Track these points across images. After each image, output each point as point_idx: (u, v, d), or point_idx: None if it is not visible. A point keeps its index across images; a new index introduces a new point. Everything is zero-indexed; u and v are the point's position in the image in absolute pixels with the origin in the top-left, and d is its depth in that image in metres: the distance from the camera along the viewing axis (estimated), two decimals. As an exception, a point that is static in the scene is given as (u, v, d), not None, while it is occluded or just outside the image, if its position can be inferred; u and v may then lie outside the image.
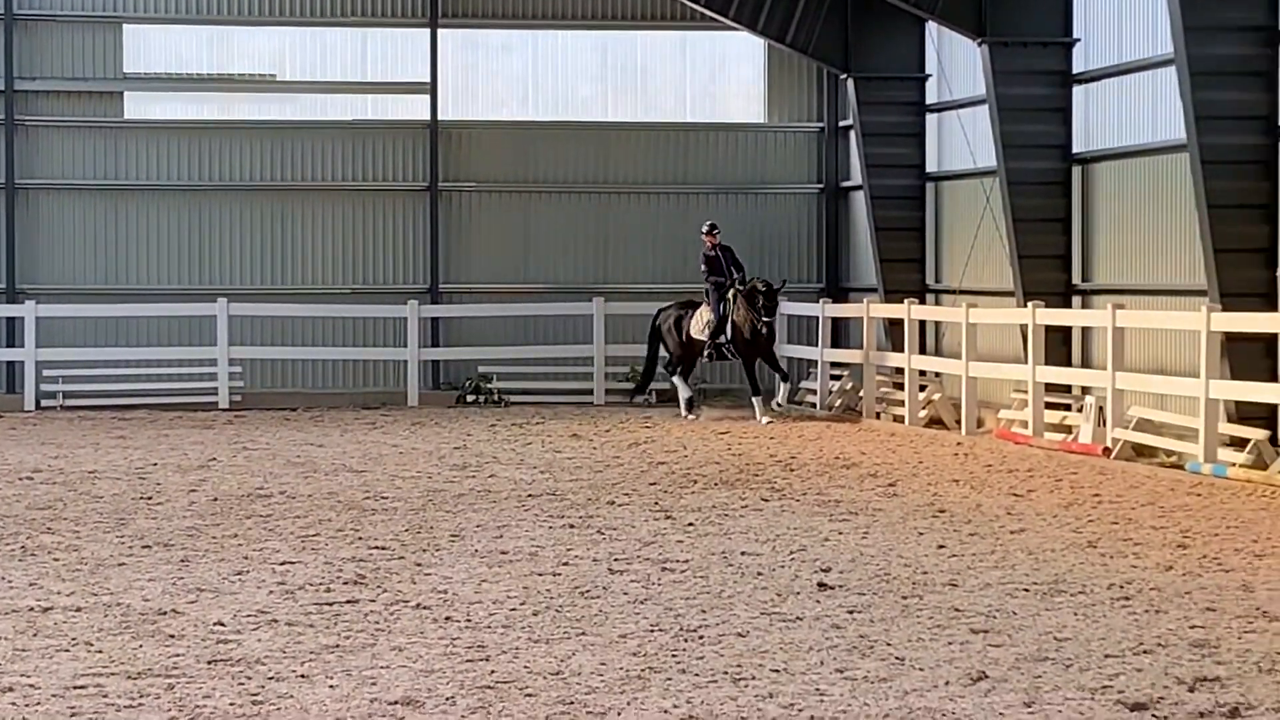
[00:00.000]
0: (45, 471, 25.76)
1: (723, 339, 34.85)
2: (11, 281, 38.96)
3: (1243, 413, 26.08)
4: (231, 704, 11.49)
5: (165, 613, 14.78)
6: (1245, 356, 26.35)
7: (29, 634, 13.89)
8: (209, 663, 12.79)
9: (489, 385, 39.09)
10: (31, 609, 14.93)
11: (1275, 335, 26.29)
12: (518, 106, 40.68)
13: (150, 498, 22.83)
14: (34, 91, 39.19)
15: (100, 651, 13.21)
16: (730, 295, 34.75)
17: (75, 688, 12.00)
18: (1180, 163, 27.42)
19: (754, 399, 34.65)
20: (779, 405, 35.12)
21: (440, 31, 40.04)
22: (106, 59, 39.49)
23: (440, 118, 40.05)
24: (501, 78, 40.74)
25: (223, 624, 14.29)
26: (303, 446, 29.70)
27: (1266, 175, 26.26)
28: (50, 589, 15.92)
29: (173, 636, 13.76)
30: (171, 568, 17.13)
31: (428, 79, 40.07)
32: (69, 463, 26.95)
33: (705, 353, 35.35)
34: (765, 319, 34.22)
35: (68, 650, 13.26)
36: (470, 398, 38.84)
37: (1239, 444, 25.35)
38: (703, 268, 35.03)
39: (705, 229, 35.09)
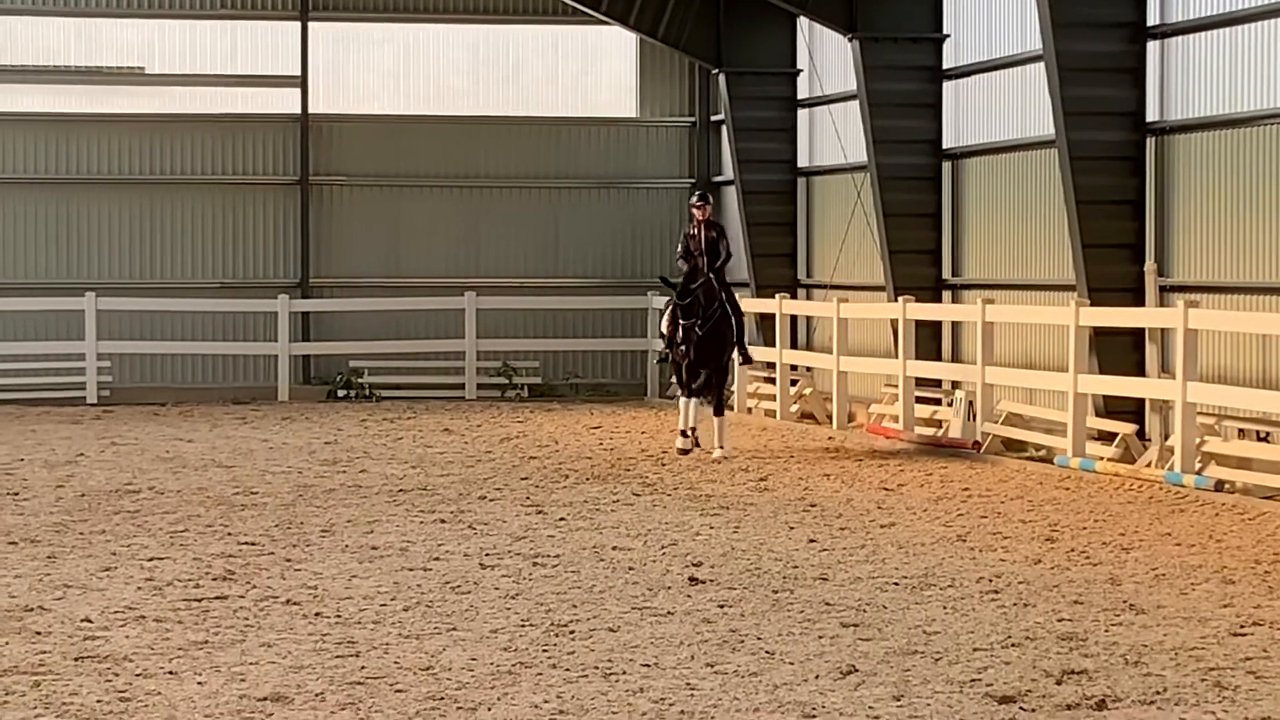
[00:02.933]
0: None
1: (664, 350, 28.48)
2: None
3: (1111, 407, 26.30)
4: (99, 701, 11.42)
5: (31, 609, 14.68)
6: (1113, 351, 26.58)
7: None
8: (76, 659, 12.72)
9: (360, 380, 39.01)
10: (-105, 607, 14.84)
11: (1142, 330, 26.56)
12: (389, 100, 40.58)
13: (16, 493, 22.67)
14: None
15: (-34, 651, 13.11)
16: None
17: (-61, 686, 11.91)
18: (1049, 158, 27.64)
19: (715, 420, 27.49)
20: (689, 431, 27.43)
21: (311, 25, 39.93)
22: (-28, 50, 39.21)
23: (311, 111, 39.94)
24: (373, 71, 40.65)
25: (90, 620, 14.20)
26: (172, 442, 29.55)
27: (1134, 171, 26.49)
28: (-87, 586, 15.81)
29: (39, 633, 13.67)
30: (38, 564, 17.01)
31: (298, 72, 39.96)
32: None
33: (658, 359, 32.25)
34: (683, 320, 26.88)
35: (-68, 649, 13.15)
36: (341, 393, 38.74)
37: (1107, 438, 25.55)
38: (678, 249, 28.16)
39: (695, 199, 28.29)
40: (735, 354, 28.57)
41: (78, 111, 39.59)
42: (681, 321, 26.86)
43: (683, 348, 27.07)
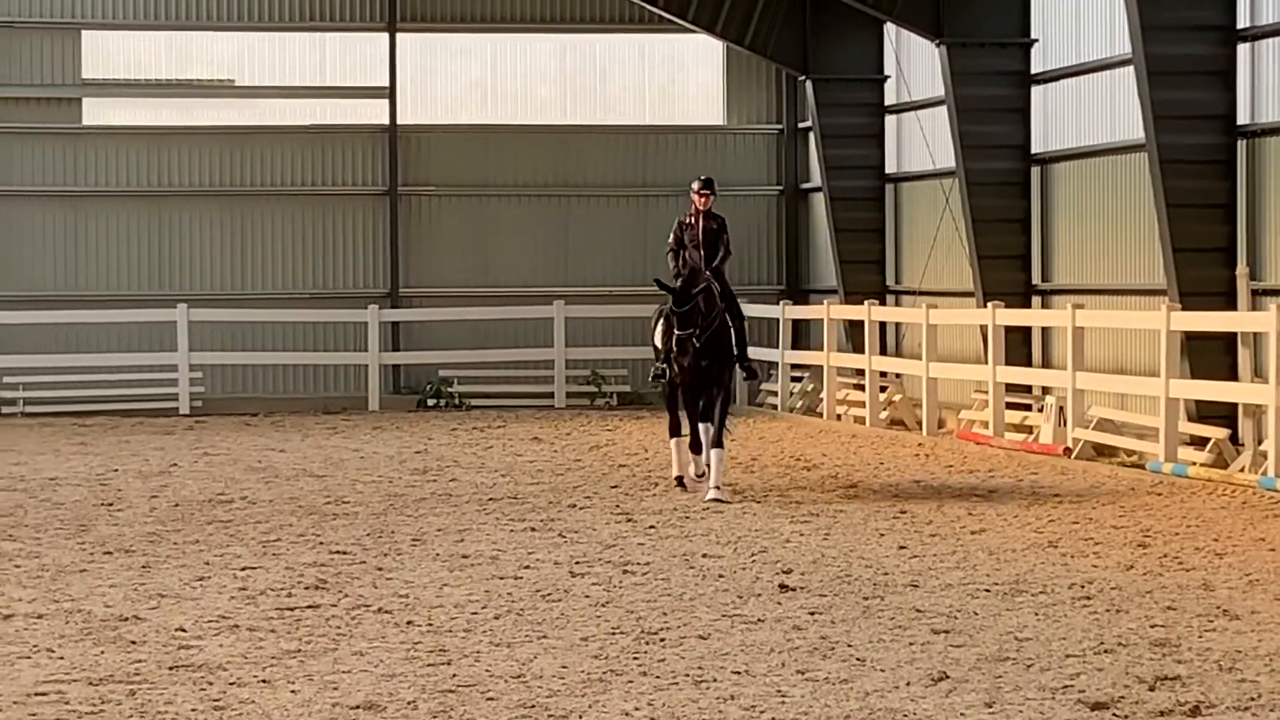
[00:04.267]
0: (5, 479, 25.68)
1: (659, 366, 24.10)
2: (-30, 288, 38.97)
3: (1203, 412, 26.15)
4: (193, 710, 11.47)
5: (126, 619, 14.76)
6: (1205, 355, 26.42)
7: (-11, 641, 13.88)
8: (170, 668, 12.77)
9: (450, 389, 39.11)
10: (-9, 616, 14.93)
11: (1234, 334, 26.38)
12: (477, 109, 40.68)
13: (111, 504, 22.78)
14: (-8, 97, 39.20)
15: (61, 658, 13.19)
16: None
17: (36, 694, 11.98)
18: (1140, 162, 27.48)
19: (709, 450, 23.28)
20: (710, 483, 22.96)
21: (399, 35, 40.07)
22: (65, 65, 39.44)
23: (399, 121, 40.08)
24: (460, 81, 40.75)
25: (184, 630, 14.27)
26: (264, 451, 29.66)
27: (1225, 174, 26.32)
28: (11, 596, 15.89)
29: (134, 642, 13.74)
30: (133, 574, 17.10)
31: (386, 83, 40.10)
32: (29, 469, 26.88)
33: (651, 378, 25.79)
34: (679, 331, 22.88)
35: (29, 657, 13.23)
36: (431, 402, 38.85)
37: (1199, 443, 25.43)
38: (669, 240, 24.60)
39: (696, 185, 24.47)
40: (737, 368, 24.17)
41: (168, 124, 39.80)
42: (677, 333, 22.81)
43: (680, 364, 23.06)
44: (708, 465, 22.99)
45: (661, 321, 23.74)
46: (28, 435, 33.38)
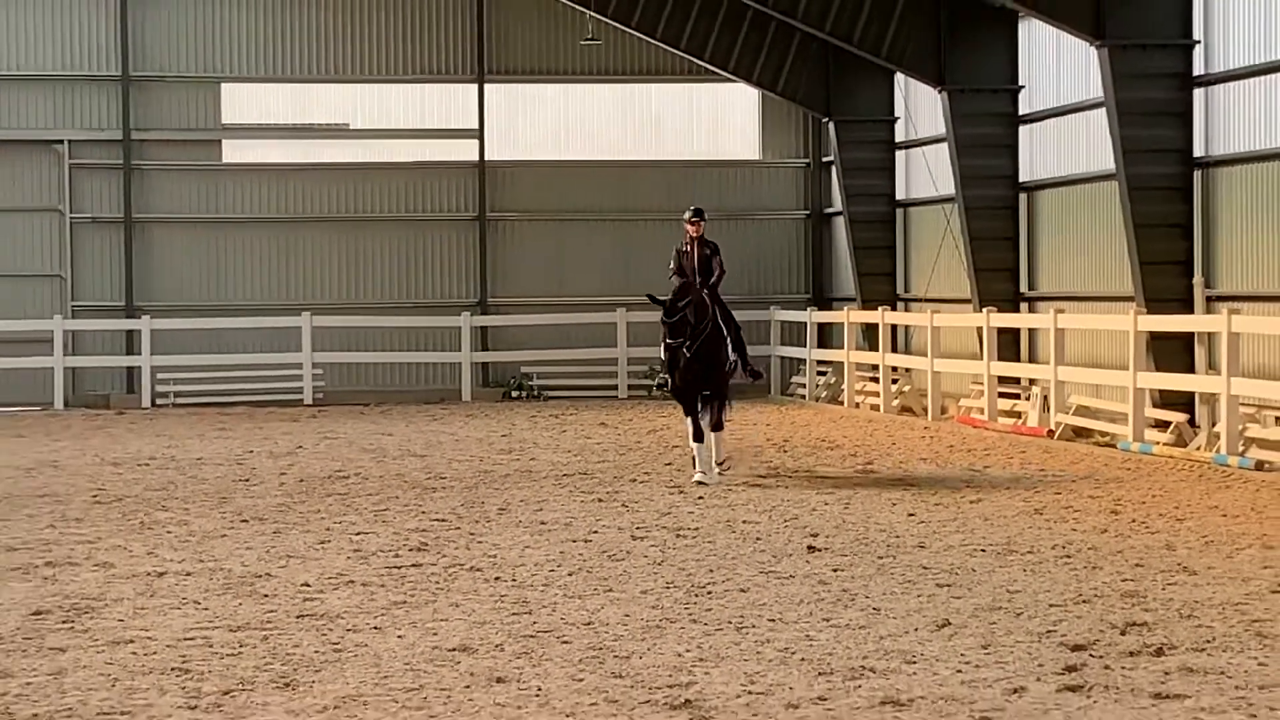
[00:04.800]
0: (159, 459, 25.82)
1: (662, 376, 23.76)
2: (130, 300, 39.05)
3: (1165, 399, 26.06)
4: (316, 652, 11.53)
5: (260, 576, 14.84)
6: (1167, 352, 26.32)
7: (147, 595, 13.96)
8: (297, 617, 12.83)
9: (529, 383, 39.16)
10: (149, 574, 15.00)
11: (1192, 334, 26.31)
12: (551, 148, 40.68)
13: (247, 480, 22.89)
14: (148, 140, 39.27)
15: (206, 608, 13.26)
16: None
17: (185, 639, 12.04)
18: (1110, 189, 27.53)
19: (713, 435, 22.26)
20: (709, 475, 21.72)
21: (486, 86, 40.12)
22: (207, 113, 39.58)
23: (487, 159, 40.13)
24: (537, 124, 40.74)
25: (309, 585, 14.33)
26: (374, 435, 29.76)
27: (1183, 199, 26.54)
28: (164, 557, 15.99)
29: (266, 595, 13.81)
30: (265, 538, 17.19)
31: (476, 126, 40.14)
32: (179, 451, 27.01)
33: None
34: (670, 341, 21.78)
35: (179, 608, 13.31)
36: (514, 393, 38.90)
37: (1162, 426, 25.34)
38: (670, 265, 22.96)
39: (689, 215, 22.96)
40: (740, 371, 22.66)
41: (294, 162, 39.88)
42: (669, 341, 21.62)
43: (673, 371, 21.94)
44: (714, 446, 22.05)
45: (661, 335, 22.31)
46: (178, 423, 33.54)
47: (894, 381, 33.79)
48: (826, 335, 38.10)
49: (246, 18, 39.47)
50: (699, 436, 21.80)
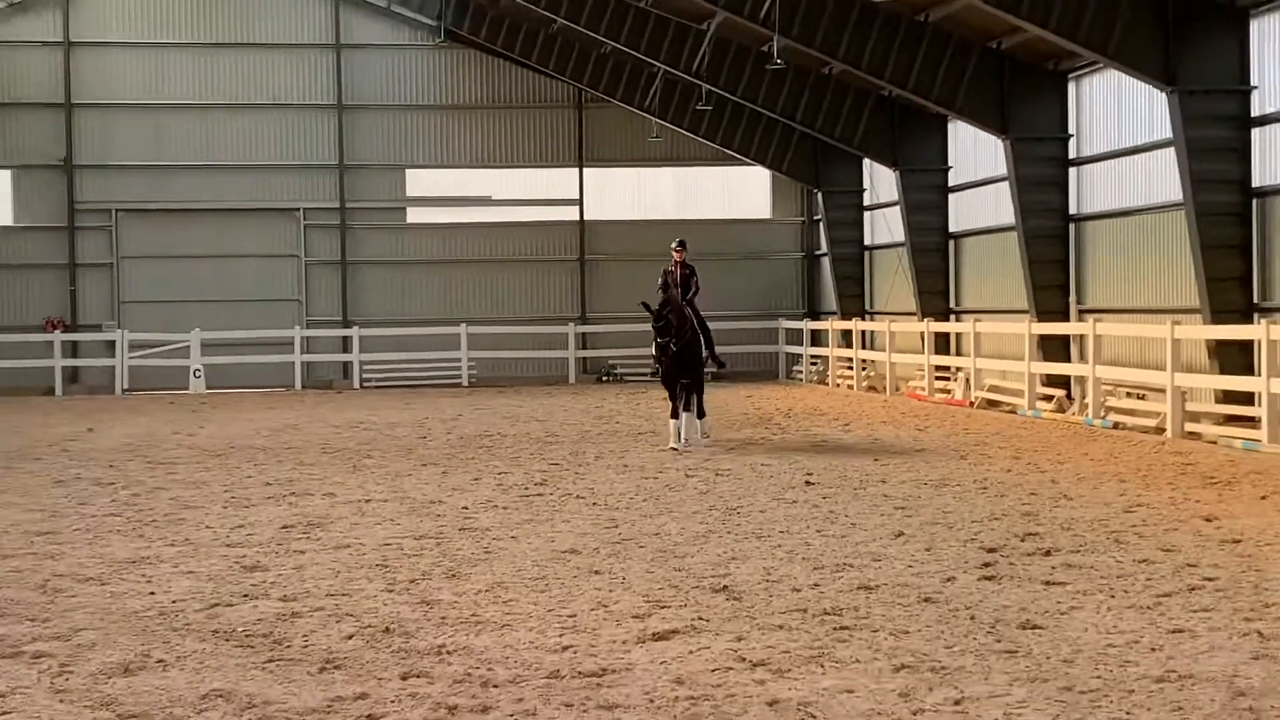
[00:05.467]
0: (365, 423, 25.99)
1: (654, 363, 21.08)
2: (345, 316, 39.28)
3: (1050, 381, 25.92)
4: (473, 553, 11.58)
5: (435, 502, 14.92)
6: (1053, 348, 26.22)
7: (358, 515, 14.04)
8: (459, 530, 12.90)
9: (615, 371, 39.19)
10: (359, 501, 15.10)
11: (1068, 336, 26.15)
12: (628, 211, 40.65)
13: (425, 437, 23.00)
14: (356, 208, 39.50)
15: (398, 524, 13.34)
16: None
17: (385, 545, 12.12)
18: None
19: (699, 422, 20.70)
20: (679, 445, 19.77)
21: (585, 169, 40.18)
22: (396, 189, 39.76)
23: (585, 219, 40.17)
24: (619, 193, 40.68)
25: (467, 508, 14.40)
26: (510, 407, 29.84)
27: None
28: (370, 489, 16.08)
29: (439, 515, 13.87)
30: (437, 476, 17.27)
31: (577, 197, 40.20)
32: (379, 418, 27.18)
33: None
34: (659, 339, 20.22)
35: (380, 524, 13.39)
36: (604, 379, 38.92)
37: (1047, 399, 25.20)
38: (659, 281, 21.32)
39: (675, 244, 21.81)
40: (711, 364, 21.27)
41: (453, 221, 40.00)
42: (658, 340, 20.22)
43: (662, 362, 20.30)
44: (700, 427, 20.54)
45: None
46: (378, 400, 33.72)
47: (863, 369, 33.70)
48: (817, 338, 38.02)
49: (423, 124, 39.61)
50: (675, 414, 20.08)
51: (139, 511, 14.46)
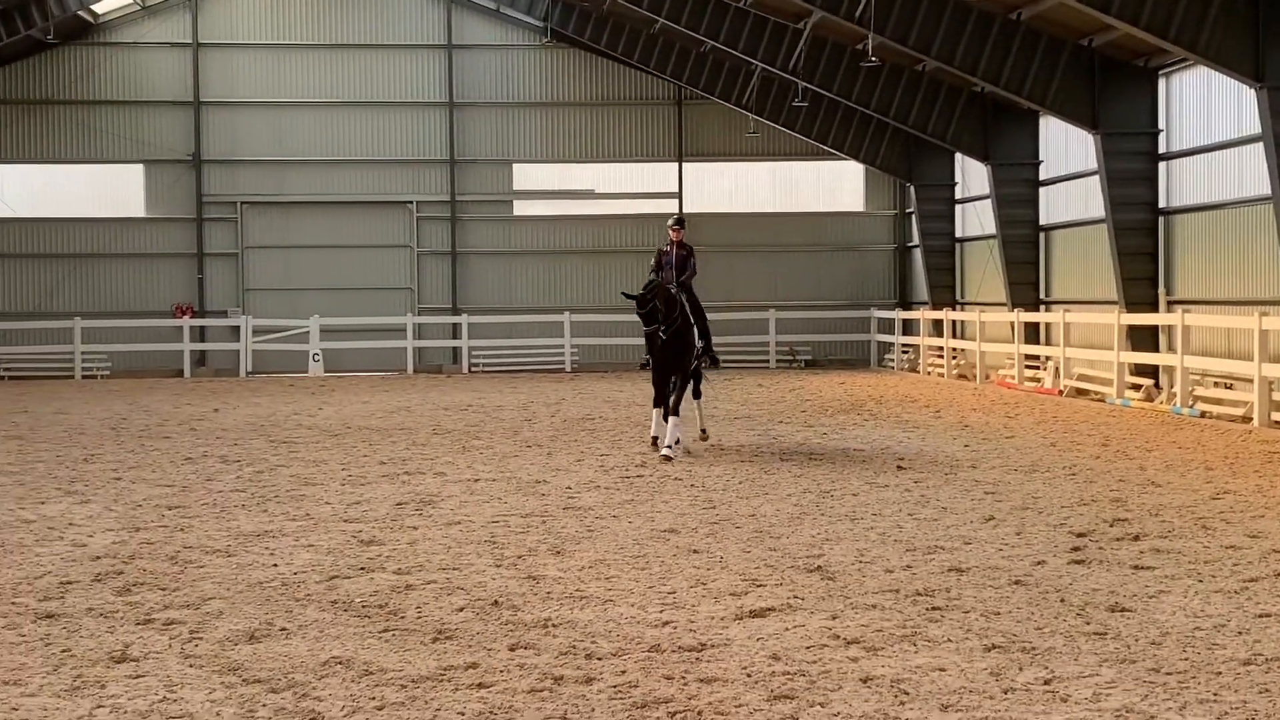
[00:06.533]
0: (474, 406, 26.18)
1: (645, 356, 18.12)
2: (455, 303, 39.58)
3: (1138, 370, 25.49)
4: (577, 531, 11.63)
5: (540, 481, 14.99)
6: (1142, 337, 25.79)
7: (467, 493, 14.15)
8: (563, 509, 12.96)
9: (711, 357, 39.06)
10: (469, 479, 15.21)
11: (1156, 326, 25.70)
12: (725, 204, 40.54)
13: (530, 419, 23.12)
14: (466, 200, 39.77)
15: (505, 503, 13.43)
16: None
17: (493, 522, 12.20)
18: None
19: (668, 418, 17.32)
20: (671, 448, 16.93)
21: (684, 164, 40.12)
22: (503, 182, 39.95)
23: (684, 212, 40.09)
24: (716, 187, 40.60)
25: (570, 487, 14.46)
26: (611, 391, 29.92)
27: None
28: (478, 469, 16.20)
29: (544, 495, 13.94)
30: (542, 457, 17.34)
31: (676, 190, 40.15)
32: (486, 401, 27.38)
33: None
34: (645, 328, 17.32)
35: (488, 502, 13.49)
36: (701, 365, 38.78)
37: (1136, 388, 24.80)
38: (651, 263, 18.55)
39: (672, 222, 18.55)
40: (703, 359, 18.45)
41: (558, 214, 40.15)
42: (645, 329, 17.27)
43: (650, 353, 17.54)
44: (669, 430, 17.11)
45: None
46: (485, 383, 33.97)
47: (954, 357, 33.36)
48: (908, 327, 37.69)
49: (529, 121, 39.79)
50: (665, 415, 17.27)
51: (262, 487, 14.70)
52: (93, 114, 38.56)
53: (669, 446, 16.88)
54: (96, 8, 37.86)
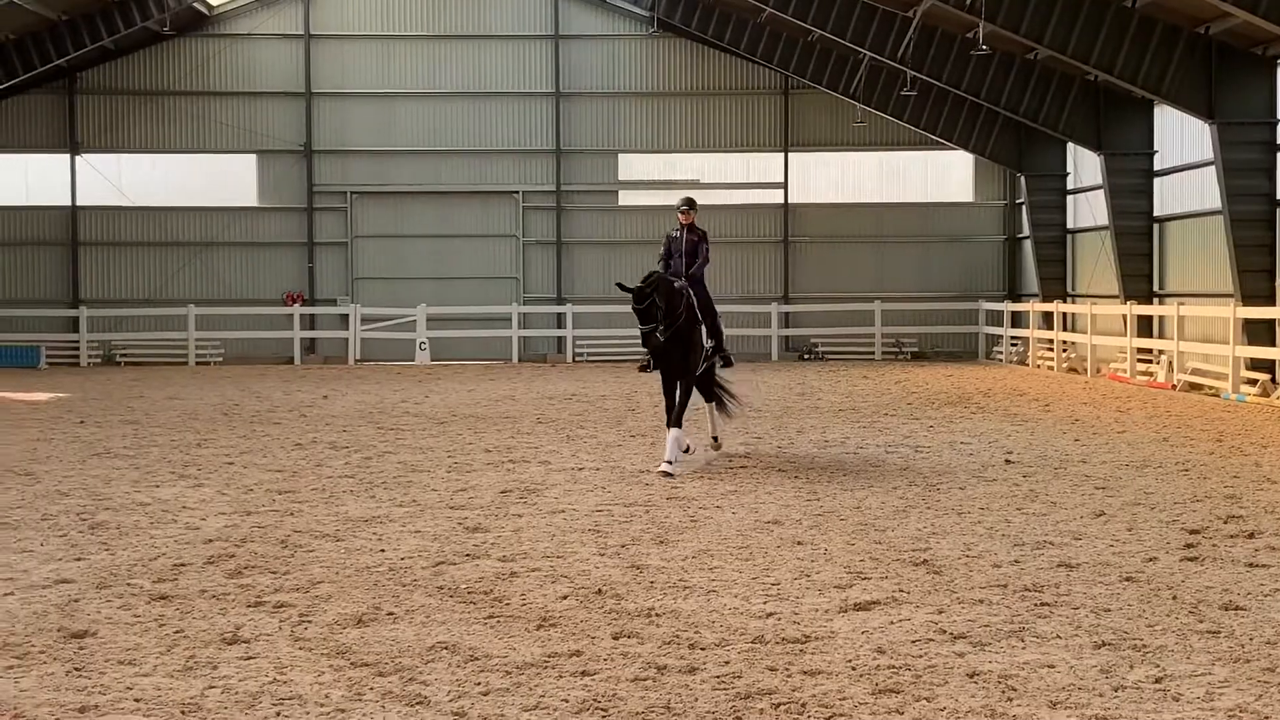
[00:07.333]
0: (577, 395, 26.29)
1: (645, 359, 15.74)
2: (560, 293, 39.77)
3: (1254, 365, 24.93)
4: (680, 521, 11.63)
5: (643, 471, 15.00)
6: (1258, 332, 25.21)
7: (571, 482, 14.21)
8: (667, 499, 12.97)
9: (816, 349, 38.96)
10: (572, 469, 15.26)
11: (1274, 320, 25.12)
12: (833, 194, 40.28)
13: (633, 409, 23.15)
14: (572, 191, 39.94)
15: (609, 492, 13.47)
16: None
17: (596, 511, 12.25)
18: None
19: (670, 431, 15.16)
20: (687, 450, 15.71)
21: (790, 154, 39.90)
22: (608, 172, 40.06)
23: (790, 201, 39.94)
24: (822, 177, 40.32)
25: (671, 475, 14.46)
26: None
27: None
28: (582, 459, 16.25)
29: (647, 484, 13.95)
30: (645, 447, 17.34)
31: (782, 181, 39.96)
32: (590, 390, 27.48)
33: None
34: (643, 327, 14.91)
35: (592, 491, 13.54)
36: (805, 357, 38.73)
37: (1252, 383, 24.25)
38: (660, 251, 16.63)
39: (681, 204, 16.55)
40: (715, 359, 16.25)
41: (662, 204, 40.04)
42: (641, 328, 14.90)
43: (652, 356, 15.30)
44: (669, 445, 15.04)
45: None
46: (589, 372, 34.11)
47: (1064, 350, 32.88)
48: (1017, 319, 37.19)
49: (634, 111, 39.83)
50: (675, 423, 15.06)
51: (370, 473, 14.90)
52: (207, 105, 39.29)
53: (669, 462, 14.65)
54: (212, 0, 38.55)
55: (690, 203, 16.33)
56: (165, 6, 36.42)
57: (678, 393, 15.25)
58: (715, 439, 16.72)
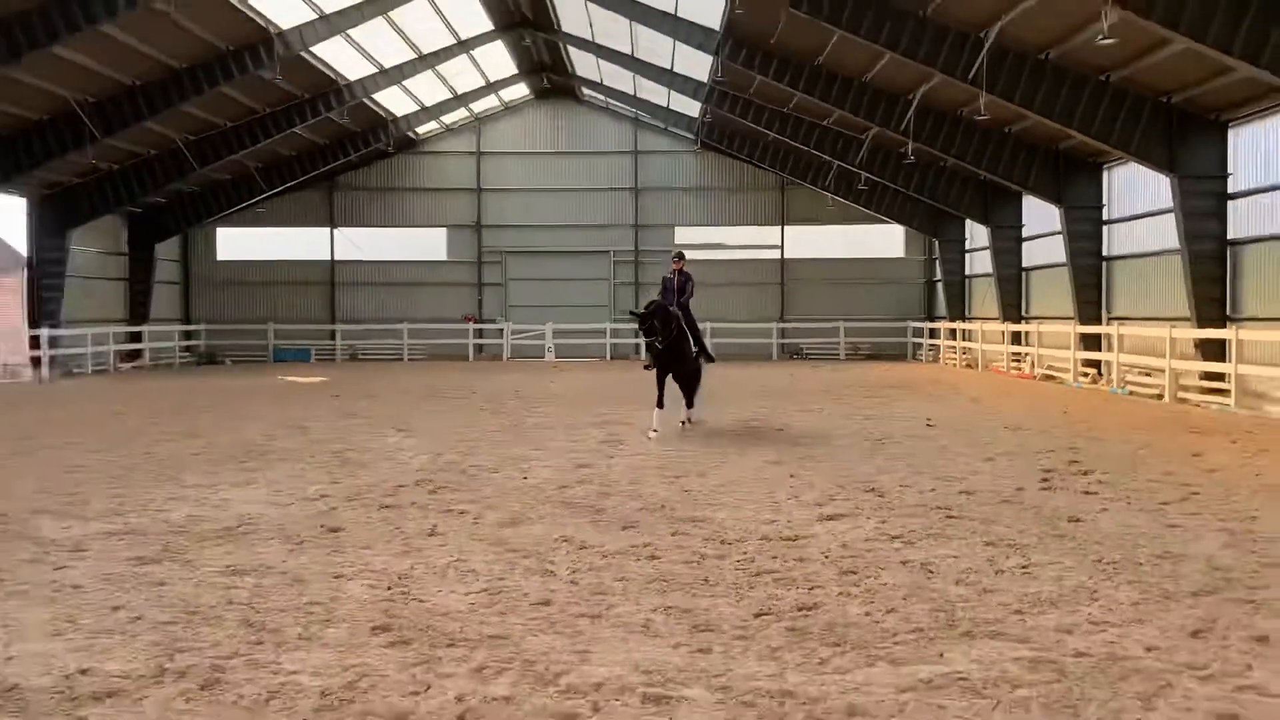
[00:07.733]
0: (649, 380, 25.48)
1: (646, 360, 14.70)
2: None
3: (1087, 363, 23.56)
4: (713, 461, 11.41)
5: (687, 435, 14.60)
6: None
7: (642, 437, 13.86)
8: (704, 448, 12.70)
9: (805, 353, 38.33)
10: (646, 428, 14.77)
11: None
12: (813, 252, 39.49)
13: (678, 396, 22.33)
14: (644, 250, 39.54)
15: (671, 443, 13.18)
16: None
17: (663, 453, 12.08)
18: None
19: (689, 410, 15.14)
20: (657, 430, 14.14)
21: (785, 227, 39.48)
22: (668, 238, 39.41)
23: (785, 258, 39.49)
24: (807, 242, 39.68)
25: (712, 431, 14.23)
26: (740, 377, 29.31)
27: None
28: (651, 421, 15.62)
29: (692, 437, 13.74)
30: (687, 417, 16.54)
31: (779, 244, 39.47)
32: (653, 378, 26.89)
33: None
34: (645, 339, 14.33)
35: (659, 442, 13.27)
36: (794, 357, 38.05)
37: (1085, 375, 23.33)
38: (660, 285, 15.61)
39: (674, 255, 15.36)
40: (701, 360, 15.20)
41: (704, 258, 39.56)
42: (644, 339, 14.37)
43: (651, 359, 14.47)
44: (690, 412, 15.07)
45: None
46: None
47: (963, 353, 31.95)
48: (933, 333, 36.26)
49: (685, 200, 39.16)
50: (660, 404, 14.40)
51: (516, 429, 14.93)
52: (415, 196, 39.73)
53: (689, 421, 14.75)
54: (419, 129, 39.04)
55: (680, 255, 15.33)
56: (390, 135, 36.95)
57: (681, 383, 14.60)
58: (684, 421, 14.98)
